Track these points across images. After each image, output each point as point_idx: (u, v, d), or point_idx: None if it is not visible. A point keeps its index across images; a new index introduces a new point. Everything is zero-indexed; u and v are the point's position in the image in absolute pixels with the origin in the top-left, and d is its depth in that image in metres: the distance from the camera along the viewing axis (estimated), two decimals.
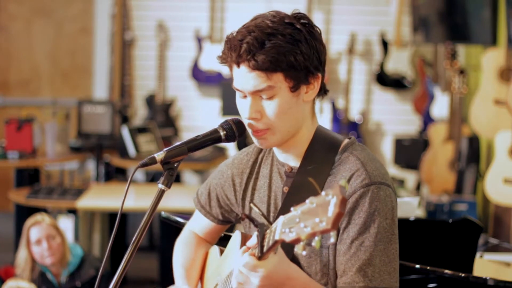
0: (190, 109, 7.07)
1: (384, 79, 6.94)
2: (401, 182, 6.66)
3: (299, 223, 1.51)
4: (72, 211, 5.11)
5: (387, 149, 7.09)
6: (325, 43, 1.91)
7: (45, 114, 6.07)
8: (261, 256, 1.67)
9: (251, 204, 1.86)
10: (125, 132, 5.87)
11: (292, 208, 1.55)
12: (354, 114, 7.01)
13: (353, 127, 6.92)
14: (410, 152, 6.63)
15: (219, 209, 2.11)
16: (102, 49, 7.11)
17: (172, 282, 2.27)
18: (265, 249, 1.65)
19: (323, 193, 1.48)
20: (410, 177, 6.83)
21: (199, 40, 6.92)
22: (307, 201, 1.51)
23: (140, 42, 7.05)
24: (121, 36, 6.97)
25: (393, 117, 7.10)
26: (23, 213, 5.09)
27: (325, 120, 6.93)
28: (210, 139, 1.88)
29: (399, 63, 6.90)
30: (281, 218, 1.59)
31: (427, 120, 6.66)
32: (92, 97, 7.07)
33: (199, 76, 6.93)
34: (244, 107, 1.85)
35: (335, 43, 6.97)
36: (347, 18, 6.97)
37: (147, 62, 7.04)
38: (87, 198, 5.02)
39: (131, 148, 5.82)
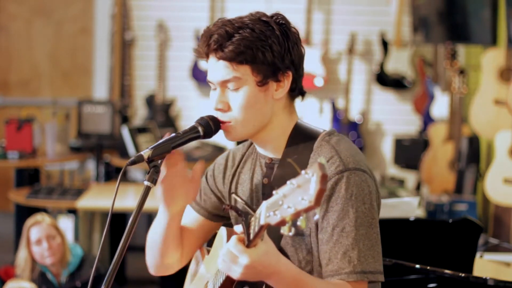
0: (190, 109, 7.07)
1: (384, 79, 6.94)
2: (401, 182, 6.67)
3: (282, 205, 1.53)
4: (72, 211, 5.11)
5: (387, 149, 7.09)
6: (325, 43, 1.94)
7: (45, 114, 6.07)
8: (249, 244, 1.68)
9: (233, 195, 1.89)
10: (125, 132, 5.87)
11: (274, 192, 1.57)
12: (354, 114, 7.01)
13: (353, 127, 6.93)
14: (410, 152, 6.63)
15: (213, 199, 2.09)
16: (102, 49, 7.12)
17: (172, 282, 2.27)
18: (251, 236, 1.66)
19: (303, 172, 1.49)
20: (410, 177, 6.83)
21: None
22: (287, 182, 1.53)
23: (140, 42, 7.05)
24: (121, 36, 6.97)
25: (393, 117, 7.10)
26: (23, 213, 5.10)
27: (325, 120, 6.93)
28: (190, 136, 1.92)
29: (399, 63, 6.90)
30: (264, 203, 1.61)
31: (427, 120, 6.66)
32: (92, 97, 7.07)
33: (199, 76, 6.93)
34: (212, 98, 1.93)
35: (335, 43, 6.97)
36: (347, 18, 6.97)
37: (147, 62, 7.04)
38: (87, 198, 5.02)
39: (131, 148, 5.82)
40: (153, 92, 6.96)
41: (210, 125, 1.91)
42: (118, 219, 5.35)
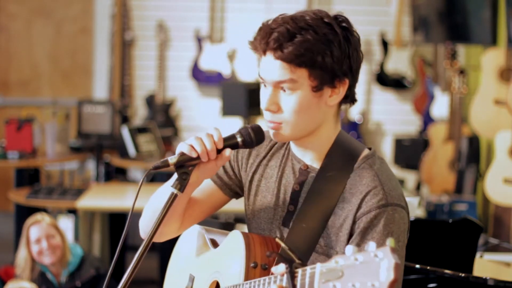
0: (190, 109, 7.06)
1: (384, 79, 6.93)
2: (401, 182, 6.67)
3: (343, 278, 1.42)
4: (72, 211, 5.11)
5: (387, 149, 7.09)
6: None
7: (45, 114, 6.07)
8: None
9: (277, 239, 1.81)
10: (125, 132, 5.87)
11: (332, 260, 1.46)
12: (354, 114, 7.01)
13: (353, 127, 6.93)
14: (410, 152, 6.63)
15: (231, 175, 2.03)
16: (102, 49, 7.12)
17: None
18: None
19: (371, 252, 1.40)
20: (410, 177, 6.83)
21: (199, 40, 6.92)
22: (350, 255, 1.43)
23: (140, 42, 7.05)
24: (121, 36, 6.97)
25: (393, 117, 7.10)
26: (23, 213, 5.09)
27: None
28: (227, 145, 1.83)
29: (399, 63, 6.90)
30: (319, 266, 1.50)
31: (427, 120, 6.67)
32: (92, 97, 7.07)
33: (199, 76, 6.93)
34: (263, 97, 1.83)
35: None
36: None
37: (147, 62, 7.04)
38: (87, 198, 5.02)
39: (131, 148, 5.82)
40: (153, 92, 6.96)
41: (251, 136, 1.83)
42: (118, 219, 5.35)
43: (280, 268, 1.65)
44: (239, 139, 1.83)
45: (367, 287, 1.38)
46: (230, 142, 1.84)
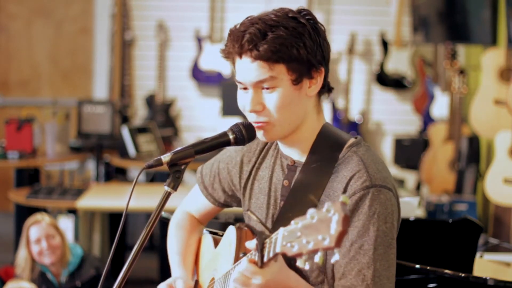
0: (190, 109, 7.07)
1: (384, 79, 6.94)
2: (401, 182, 6.67)
3: (301, 237, 1.49)
4: (72, 211, 5.11)
5: (387, 149, 7.09)
6: None
7: (45, 114, 6.07)
8: (262, 265, 1.68)
9: (249, 212, 1.86)
10: (125, 132, 5.87)
11: (292, 222, 1.53)
12: (354, 114, 7.01)
13: (353, 127, 6.93)
14: (410, 152, 6.63)
15: (222, 193, 2.11)
16: (102, 49, 7.12)
17: None
18: (265, 258, 1.65)
19: (324, 208, 1.46)
20: (410, 177, 6.83)
21: (199, 40, 6.92)
22: (307, 214, 1.49)
23: (140, 42, 7.05)
24: (121, 36, 6.97)
25: (393, 117, 7.10)
26: (23, 213, 5.09)
27: None
28: (219, 143, 1.87)
29: (399, 63, 6.90)
30: (281, 230, 1.57)
31: (427, 120, 6.67)
32: (92, 97, 7.07)
33: (199, 76, 6.93)
34: (245, 99, 1.85)
35: (335, 43, 6.97)
36: (347, 18, 6.97)
37: (147, 62, 7.04)
38: (87, 198, 5.02)
39: (131, 148, 5.83)
40: (153, 92, 6.96)
41: (243, 133, 1.85)
42: (118, 219, 5.35)
43: (252, 243, 1.71)
44: (230, 136, 1.86)
45: (318, 241, 1.45)
46: (222, 140, 1.87)
